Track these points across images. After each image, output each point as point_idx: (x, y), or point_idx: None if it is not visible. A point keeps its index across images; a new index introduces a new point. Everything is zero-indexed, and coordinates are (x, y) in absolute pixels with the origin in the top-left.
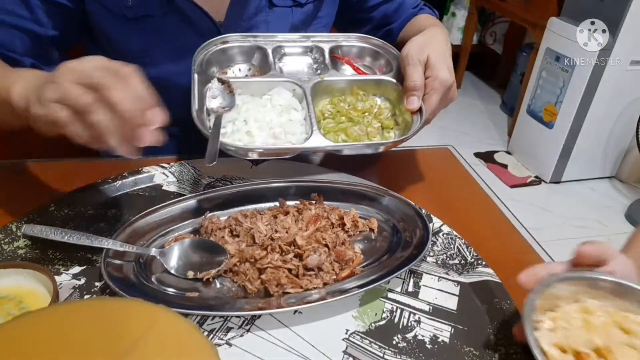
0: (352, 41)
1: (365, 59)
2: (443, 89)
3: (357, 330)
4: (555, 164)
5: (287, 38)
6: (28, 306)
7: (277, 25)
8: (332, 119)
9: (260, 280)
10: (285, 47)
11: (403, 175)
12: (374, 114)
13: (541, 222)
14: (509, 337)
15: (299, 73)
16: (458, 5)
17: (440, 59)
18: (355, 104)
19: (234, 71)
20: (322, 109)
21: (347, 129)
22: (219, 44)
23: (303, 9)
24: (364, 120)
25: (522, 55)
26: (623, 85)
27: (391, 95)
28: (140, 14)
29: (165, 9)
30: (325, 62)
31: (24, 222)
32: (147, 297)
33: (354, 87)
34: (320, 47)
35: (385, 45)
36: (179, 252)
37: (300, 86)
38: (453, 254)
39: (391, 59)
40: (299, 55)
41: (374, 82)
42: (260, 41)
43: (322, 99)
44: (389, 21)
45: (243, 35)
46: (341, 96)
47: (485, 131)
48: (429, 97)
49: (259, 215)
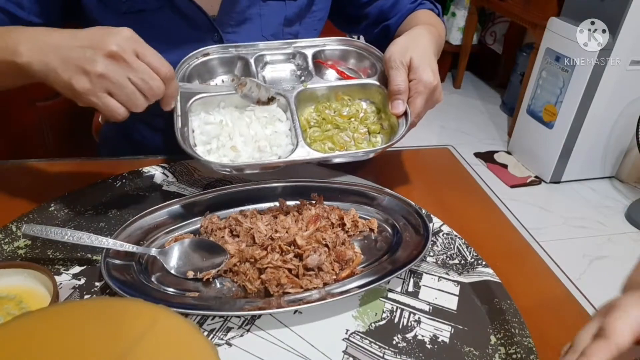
0: (335, 44)
1: (350, 62)
2: (427, 91)
3: (357, 330)
4: (555, 164)
5: (269, 46)
6: (28, 306)
7: (271, 18)
8: (317, 127)
9: (260, 280)
10: (267, 55)
11: (403, 175)
12: (360, 119)
13: (541, 222)
14: (509, 337)
15: (282, 81)
16: (458, 5)
17: (424, 61)
18: (341, 110)
19: (216, 83)
20: (307, 117)
21: (333, 136)
22: (200, 57)
23: (297, 2)
24: (350, 126)
25: (522, 55)
26: (623, 85)
27: (376, 98)
28: (134, 8)
29: (159, 3)
30: (308, 69)
31: (24, 222)
32: (147, 297)
33: (339, 93)
34: (303, 53)
35: (369, 47)
36: (179, 252)
37: (284, 95)
38: (453, 254)
39: (375, 61)
40: (281, 62)
41: (358, 86)
42: (241, 51)
43: (307, 107)
44: (385, 17)
45: (223, 46)
46: (326, 102)
47: (485, 131)
48: (414, 100)
49: (259, 215)
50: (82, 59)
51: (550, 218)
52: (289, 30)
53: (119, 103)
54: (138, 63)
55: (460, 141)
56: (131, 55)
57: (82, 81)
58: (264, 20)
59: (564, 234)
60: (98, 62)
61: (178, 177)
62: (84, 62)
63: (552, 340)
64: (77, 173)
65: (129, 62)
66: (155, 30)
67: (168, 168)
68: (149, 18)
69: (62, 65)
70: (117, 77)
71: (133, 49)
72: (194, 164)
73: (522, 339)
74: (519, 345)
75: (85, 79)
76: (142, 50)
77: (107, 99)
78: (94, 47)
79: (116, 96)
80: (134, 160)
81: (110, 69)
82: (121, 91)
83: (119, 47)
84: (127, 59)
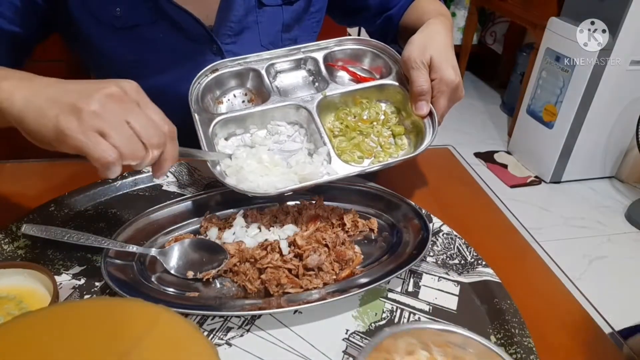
0: (344, 45)
1: (362, 62)
2: (450, 90)
3: (357, 330)
4: (555, 164)
5: (278, 54)
6: (28, 306)
7: (269, 25)
8: (342, 136)
9: (260, 280)
10: (277, 64)
11: (403, 175)
12: (382, 122)
13: (541, 222)
14: (509, 337)
15: (296, 89)
16: (458, 5)
17: (444, 59)
18: (361, 114)
19: (229, 99)
20: (330, 126)
21: (360, 144)
22: (209, 74)
23: (293, 7)
24: (374, 131)
25: (522, 55)
26: (623, 85)
27: (394, 98)
28: (129, 23)
29: (154, 17)
30: (321, 74)
31: (24, 222)
32: (147, 297)
33: (356, 96)
34: (314, 57)
35: (379, 44)
36: (179, 252)
37: (305, 107)
38: (453, 254)
39: (387, 59)
40: (292, 70)
41: (375, 87)
42: (251, 62)
43: (327, 115)
44: (387, 7)
45: (231, 60)
46: (345, 109)
47: (485, 131)
48: (437, 100)
49: (259, 215)
50: (75, 97)
51: (550, 218)
52: (287, 35)
53: (112, 145)
54: (139, 110)
55: (460, 141)
56: (132, 101)
57: (70, 120)
58: (262, 28)
59: (564, 234)
60: (94, 99)
61: (178, 177)
62: (77, 100)
63: (552, 340)
64: (77, 173)
65: (130, 106)
66: (152, 44)
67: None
68: (144, 32)
69: (49, 102)
70: (113, 117)
71: (135, 99)
72: (193, 164)
73: (522, 339)
74: (519, 345)
75: (74, 117)
76: (144, 102)
77: (97, 138)
78: (92, 89)
79: (109, 138)
80: None
81: (107, 108)
82: (116, 132)
83: (121, 89)
84: (127, 102)
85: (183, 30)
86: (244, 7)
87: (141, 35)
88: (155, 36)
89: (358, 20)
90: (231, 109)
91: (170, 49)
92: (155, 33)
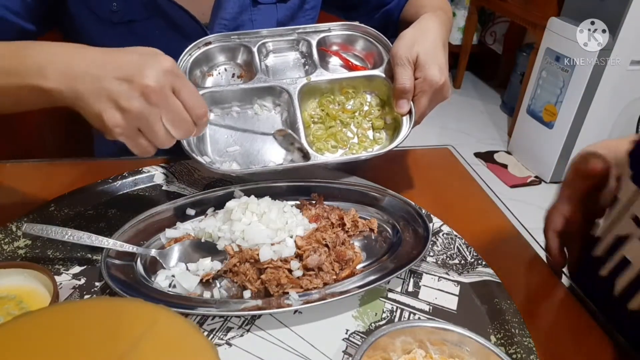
0: (339, 30)
1: (355, 48)
2: (432, 90)
3: (357, 330)
4: (555, 164)
5: (272, 33)
6: (28, 306)
7: (263, 23)
8: (321, 123)
9: (260, 280)
10: (270, 43)
11: (403, 175)
12: (364, 113)
13: (541, 222)
14: (509, 337)
15: (285, 69)
16: (458, 5)
17: (430, 57)
18: (345, 104)
19: (219, 72)
20: (310, 112)
21: (336, 134)
22: (202, 46)
23: (287, 5)
24: (354, 121)
25: (522, 55)
26: (623, 85)
27: (381, 90)
28: (125, 18)
29: (149, 13)
30: (313, 57)
31: (24, 222)
32: (147, 297)
33: (343, 85)
34: (308, 40)
35: (373, 32)
36: (179, 253)
37: (286, 90)
38: (453, 254)
39: (382, 50)
40: (285, 50)
41: (363, 78)
42: (244, 39)
43: (310, 100)
44: (384, 1)
45: (225, 35)
46: (330, 96)
47: (485, 131)
48: (418, 99)
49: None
50: (117, 93)
51: None
52: None
53: (148, 141)
54: (173, 100)
55: (460, 141)
56: (168, 91)
57: (116, 117)
58: (256, 25)
59: None
60: (134, 99)
61: (178, 177)
62: (119, 97)
63: (552, 340)
64: (77, 173)
65: (165, 100)
66: (147, 40)
67: (168, 168)
68: (140, 28)
69: (94, 95)
70: (151, 118)
71: (171, 84)
72: (194, 164)
73: (522, 339)
74: (519, 345)
75: (119, 116)
76: (179, 85)
77: (140, 139)
78: (130, 80)
79: (146, 134)
80: (134, 160)
81: (146, 110)
82: (151, 131)
83: (157, 83)
84: (162, 97)
85: (178, 26)
86: (238, 5)
87: (137, 31)
88: (150, 32)
89: (355, 15)
90: (219, 82)
91: (164, 45)
92: (151, 29)
